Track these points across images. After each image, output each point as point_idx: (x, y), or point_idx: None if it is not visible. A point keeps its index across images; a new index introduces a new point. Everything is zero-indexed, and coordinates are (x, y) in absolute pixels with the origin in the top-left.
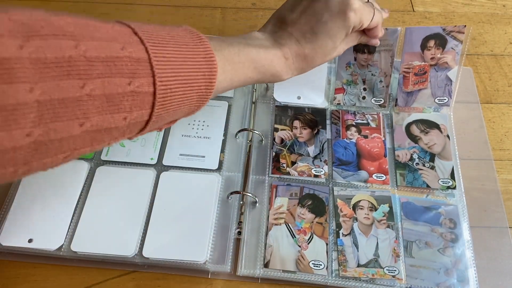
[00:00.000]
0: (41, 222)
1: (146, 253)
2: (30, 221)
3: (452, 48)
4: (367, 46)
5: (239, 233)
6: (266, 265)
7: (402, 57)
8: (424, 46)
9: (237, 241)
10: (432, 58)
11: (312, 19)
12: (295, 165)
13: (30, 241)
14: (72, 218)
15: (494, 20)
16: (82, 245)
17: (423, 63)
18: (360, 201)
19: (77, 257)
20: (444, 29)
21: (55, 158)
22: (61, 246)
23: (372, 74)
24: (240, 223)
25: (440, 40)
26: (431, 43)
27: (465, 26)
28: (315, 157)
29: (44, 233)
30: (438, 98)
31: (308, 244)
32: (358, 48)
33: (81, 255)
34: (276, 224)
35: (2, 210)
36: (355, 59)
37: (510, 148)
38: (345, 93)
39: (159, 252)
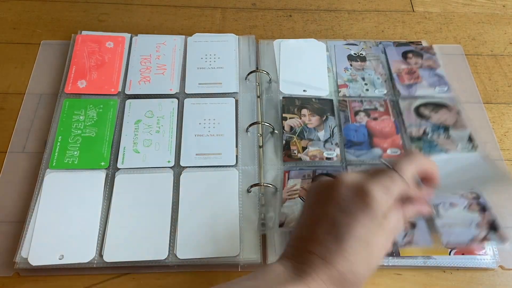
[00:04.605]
0: (68, 237)
1: (179, 254)
2: (57, 237)
3: (429, 57)
4: (359, 56)
5: (263, 224)
6: (281, 225)
7: (390, 64)
8: (405, 57)
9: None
10: (415, 63)
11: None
12: (306, 150)
13: (61, 257)
14: (99, 229)
15: (494, 20)
16: (114, 254)
17: (409, 66)
18: None
19: (110, 266)
20: (416, 47)
21: None
22: (93, 258)
23: (369, 74)
24: (263, 214)
25: (417, 53)
26: (410, 55)
27: (431, 45)
28: (325, 141)
29: (74, 247)
30: (439, 88)
31: None
32: (352, 57)
33: (114, 264)
34: (290, 199)
35: (24, 229)
36: (351, 65)
37: (510, 148)
38: (348, 87)
39: (193, 252)
